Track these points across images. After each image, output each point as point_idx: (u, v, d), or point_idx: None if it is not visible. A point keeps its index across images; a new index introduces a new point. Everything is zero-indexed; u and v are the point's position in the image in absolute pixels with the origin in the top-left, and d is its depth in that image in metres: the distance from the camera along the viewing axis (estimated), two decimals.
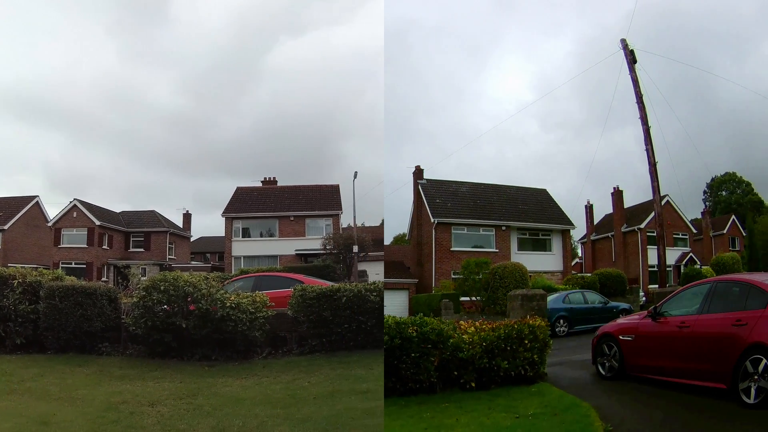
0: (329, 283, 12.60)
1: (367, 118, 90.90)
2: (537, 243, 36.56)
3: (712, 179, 78.93)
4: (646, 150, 22.94)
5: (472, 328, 9.64)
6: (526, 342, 9.73)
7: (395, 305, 30.81)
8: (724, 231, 52.23)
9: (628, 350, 9.80)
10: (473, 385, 9.17)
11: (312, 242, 37.87)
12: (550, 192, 41.09)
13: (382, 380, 8.10)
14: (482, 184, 39.11)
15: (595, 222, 48.82)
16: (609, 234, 44.89)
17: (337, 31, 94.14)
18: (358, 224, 40.08)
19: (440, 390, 9.06)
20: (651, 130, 22.83)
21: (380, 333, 10.25)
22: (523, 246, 35.72)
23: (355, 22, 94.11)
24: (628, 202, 45.26)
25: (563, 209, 39.02)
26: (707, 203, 76.30)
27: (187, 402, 7.35)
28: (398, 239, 55.96)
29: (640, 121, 23.17)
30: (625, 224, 42.98)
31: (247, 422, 6.34)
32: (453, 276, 30.41)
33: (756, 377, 7.39)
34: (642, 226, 40.67)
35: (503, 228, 34.91)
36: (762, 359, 7.38)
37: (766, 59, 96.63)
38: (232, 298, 10.82)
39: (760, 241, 41.48)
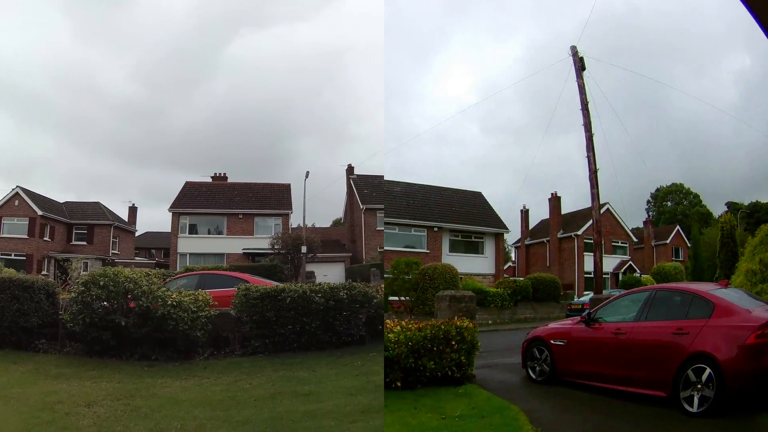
0: (275, 284, 12.49)
1: (323, 117, 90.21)
2: (469, 245, 37.06)
3: (657, 189, 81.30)
4: (588, 157, 23.29)
5: (398, 328, 9.61)
6: (453, 343, 9.74)
7: (334, 274, 35.54)
8: (668, 241, 53.72)
9: (559, 355, 9.86)
10: (399, 384, 9.17)
11: (260, 241, 37.33)
12: (485, 195, 41.63)
13: (363, 377, 8.28)
14: (416, 185, 39.30)
15: (532, 227, 50.23)
16: (545, 239, 46.16)
17: (299, 27, 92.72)
18: (309, 225, 41.02)
19: (369, 342, 10.56)
20: (595, 138, 23.39)
21: (324, 335, 10.59)
22: (455, 248, 36.13)
23: (318, 19, 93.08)
24: (569, 208, 47.06)
25: (498, 213, 39.73)
26: (650, 213, 78.36)
27: (124, 403, 7.22)
28: (336, 222, 58.06)
29: (583, 128, 23.56)
30: (562, 230, 44.48)
31: (185, 424, 6.27)
32: (385, 275, 28.99)
33: (699, 386, 7.54)
34: (579, 232, 42.18)
35: (435, 229, 35.25)
36: (706, 369, 7.53)
37: (727, 75, 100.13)
38: (174, 296, 10.56)
39: (707, 253, 42.54)
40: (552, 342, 10.03)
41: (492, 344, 15.30)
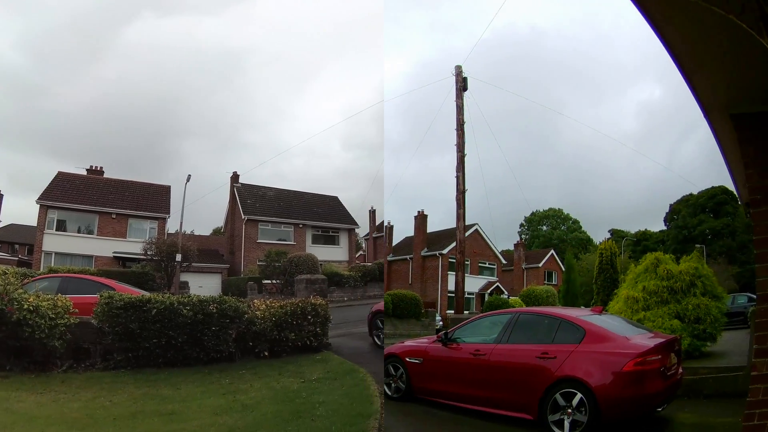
0: (143, 293, 11.98)
1: (214, 119, 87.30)
2: (328, 238, 43.12)
3: (532, 213, 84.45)
4: (457, 177, 24.51)
5: (264, 306, 11.60)
6: (310, 317, 11.76)
7: (210, 286, 35.25)
8: (540, 264, 55.61)
9: (414, 373, 9.87)
10: (267, 354, 11.05)
11: (133, 245, 34.75)
12: (341, 199, 47.69)
13: (230, 396, 7.95)
14: (286, 190, 45.31)
15: (395, 243, 53.00)
16: (408, 256, 48.58)
17: (204, 21, 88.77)
18: (187, 232, 40.53)
19: (239, 359, 10.80)
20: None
21: (191, 350, 10.26)
22: (316, 240, 42.13)
23: (224, 16, 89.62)
24: (438, 226, 49.77)
25: (351, 213, 46.03)
26: (523, 236, 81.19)
27: None
28: (216, 231, 56.75)
29: (456, 147, 24.60)
30: (426, 248, 47.08)
31: None
32: (258, 263, 35.72)
33: (570, 411, 7.57)
34: (444, 251, 44.54)
35: (300, 225, 41.41)
36: (576, 393, 7.56)
37: (629, 105, 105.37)
38: (31, 299, 9.58)
39: (583, 278, 44.42)
40: (407, 360, 10.02)
41: (347, 317, 17.89)
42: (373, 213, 55.41)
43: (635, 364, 7.41)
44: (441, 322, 29.82)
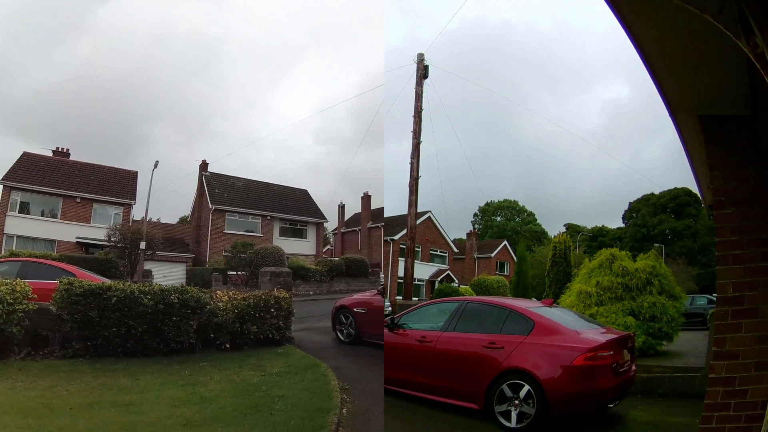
0: (104, 280, 11.81)
1: (186, 106, 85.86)
2: (296, 231, 43.86)
3: (487, 203, 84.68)
4: (411, 163, 24.48)
5: (226, 297, 11.44)
6: (273, 310, 11.64)
7: (174, 275, 35.78)
8: (492, 255, 56.21)
9: (361, 321, 11.36)
10: (228, 346, 10.90)
11: (97, 231, 34.01)
12: (311, 192, 48.66)
13: (189, 387, 7.90)
14: (255, 181, 45.59)
15: (348, 218, 54.89)
16: (357, 228, 51.11)
17: (180, 6, 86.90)
18: (153, 219, 40.18)
19: (200, 350, 10.62)
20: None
21: (151, 340, 10.08)
22: (284, 233, 42.78)
23: (201, 3, 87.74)
24: (392, 212, 50.22)
25: (320, 206, 47.06)
26: (476, 226, 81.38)
27: None
28: (183, 220, 56.25)
29: (412, 134, 24.73)
30: (371, 221, 49.14)
31: None
32: (224, 253, 36.18)
33: (517, 402, 7.56)
34: (395, 237, 45.34)
35: (268, 217, 41.90)
36: (524, 385, 7.53)
37: (594, 102, 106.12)
38: None
39: (535, 271, 44.77)
40: (355, 310, 11.47)
41: (311, 311, 17.81)
42: (342, 208, 56.16)
43: (585, 359, 7.38)
44: (390, 308, 30.38)
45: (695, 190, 12.10)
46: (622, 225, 72.67)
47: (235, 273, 31.00)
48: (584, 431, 7.76)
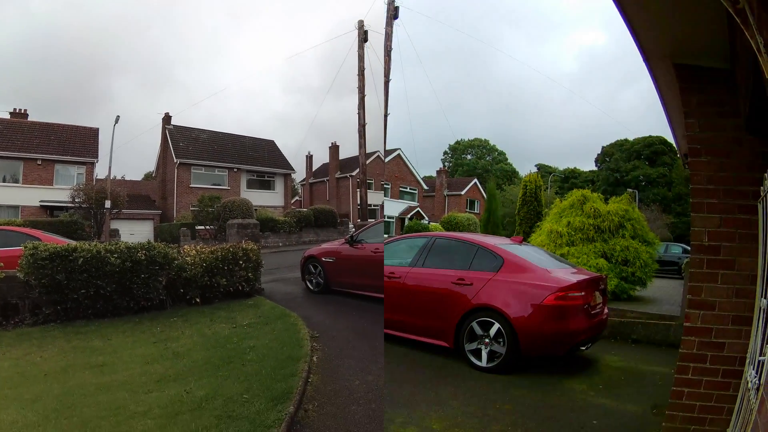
0: (69, 242, 11.61)
1: (146, 55, 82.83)
2: (263, 183, 44.12)
3: (457, 142, 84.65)
4: (358, 114, 28.24)
5: (194, 251, 11.43)
6: (241, 263, 11.68)
7: (142, 233, 35.44)
8: (462, 192, 56.46)
9: (329, 270, 11.42)
10: (198, 301, 10.88)
11: (60, 193, 32.96)
12: (278, 144, 48.63)
13: (161, 344, 7.95)
14: (221, 133, 45.07)
15: (315, 168, 55.49)
16: (325, 179, 51.42)
17: None
18: (117, 177, 39.35)
19: (170, 306, 10.68)
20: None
21: (121, 299, 10.08)
22: (251, 185, 43.06)
23: None
24: (349, 153, 50.40)
25: (288, 158, 47.30)
26: (446, 164, 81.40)
27: None
28: (147, 176, 55.25)
29: (357, 90, 28.09)
30: (339, 171, 49.29)
31: None
32: (191, 208, 35.98)
33: (487, 341, 7.55)
34: (353, 173, 46.26)
35: (235, 170, 41.78)
36: (494, 323, 7.49)
37: (571, 48, 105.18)
38: None
39: (507, 209, 44.94)
40: (324, 259, 11.53)
41: (281, 262, 17.92)
42: (310, 158, 56.35)
43: (556, 298, 7.33)
44: (353, 228, 31.79)
45: (671, 139, 12.07)
46: (595, 168, 72.78)
47: (203, 228, 30.89)
48: (556, 373, 7.74)
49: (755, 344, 4.03)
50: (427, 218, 48.61)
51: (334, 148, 51.04)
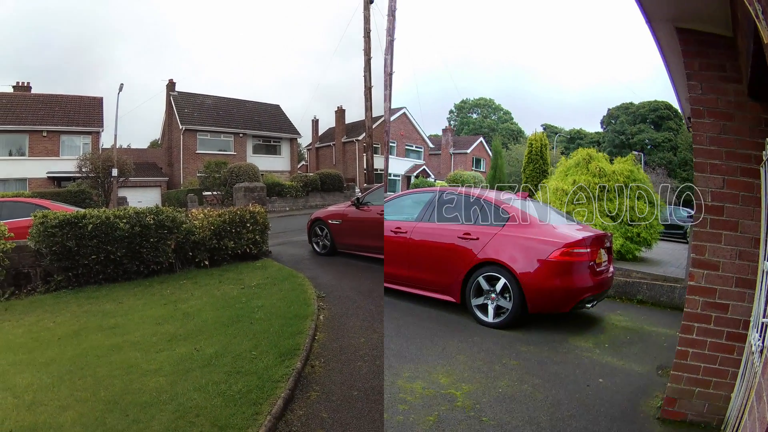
0: (77, 209, 11.66)
1: (148, 20, 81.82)
2: (269, 148, 43.32)
3: (462, 101, 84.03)
4: (364, 76, 28.44)
5: (202, 215, 11.64)
6: (249, 225, 11.90)
7: (149, 200, 34.62)
8: (468, 150, 55.80)
9: (336, 232, 11.63)
10: (207, 263, 11.14)
11: (67, 163, 32.75)
12: (284, 108, 48.20)
13: (171, 305, 7.92)
14: (225, 98, 43.97)
15: (322, 133, 54.58)
16: (331, 143, 50.53)
17: None
18: (123, 145, 39.43)
19: (179, 269, 10.91)
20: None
21: (131, 264, 10.24)
22: (257, 150, 42.35)
23: None
24: (356, 117, 49.94)
25: (294, 122, 46.26)
26: (452, 122, 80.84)
27: None
28: (153, 144, 54.68)
29: (363, 52, 28.37)
30: (346, 136, 48.58)
31: None
32: (198, 174, 35.40)
33: (494, 296, 7.52)
34: (360, 138, 45.11)
35: (240, 135, 41.19)
36: (500, 278, 7.46)
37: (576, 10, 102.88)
38: None
39: (513, 168, 44.57)
40: (330, 222, 11.75)
41: (287, 226, 18.59)
42: (316, 123, 55.46)
43: (562, 254, 7.27)
44: (359, 192, 31.80)
45: (676, 105, 11.84)
46: (601, 130, 72.13)
47: (210, 193, 30.59)
48: (561, 330, 7.75)
49: (759, 307, 4.07)
50: (433, 176, 48.48)
51: (340, 112, 49.88)
